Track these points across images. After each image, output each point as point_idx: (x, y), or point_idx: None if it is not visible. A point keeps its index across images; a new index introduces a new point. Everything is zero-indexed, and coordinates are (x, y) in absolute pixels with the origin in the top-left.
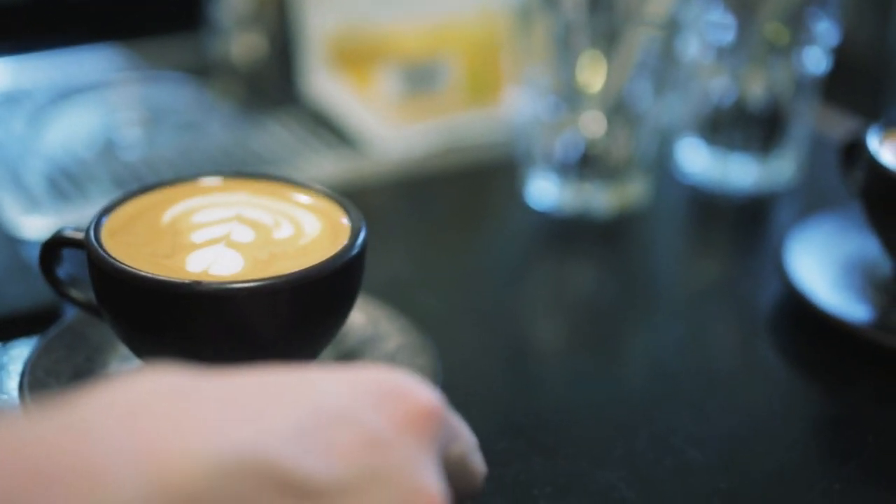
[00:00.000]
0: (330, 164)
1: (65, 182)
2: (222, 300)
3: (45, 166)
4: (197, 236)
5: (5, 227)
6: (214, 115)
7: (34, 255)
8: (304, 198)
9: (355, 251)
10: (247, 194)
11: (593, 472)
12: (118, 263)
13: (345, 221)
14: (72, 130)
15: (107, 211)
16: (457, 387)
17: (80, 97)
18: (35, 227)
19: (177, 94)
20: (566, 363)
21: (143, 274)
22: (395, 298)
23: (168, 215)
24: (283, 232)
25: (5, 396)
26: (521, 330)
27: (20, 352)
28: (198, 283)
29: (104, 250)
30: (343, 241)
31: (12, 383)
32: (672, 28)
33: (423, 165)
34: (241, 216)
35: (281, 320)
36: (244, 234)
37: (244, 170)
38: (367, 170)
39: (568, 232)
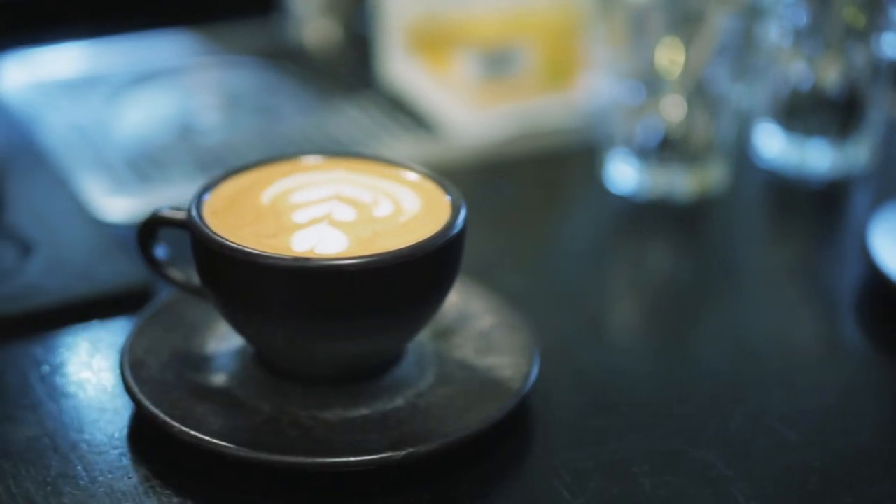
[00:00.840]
0: (407, 148)
1: (145, 164)
2: (334, 276)
3: (126, 149)
4: (299, 216)
5: (90, 209)
6: (291, 100)
7: (120, 235)
8: (400, 175)
9: (458, 227)
10: (343, 172)
11: (689, 450)
12: (230, 242)
13: (444, 198)
14: (150, 114)
15: (206, 191)
16: (551, 365)
17: (158, 81)
18: (119, 208)
19: (253, 79)
20: (654, 343)
21: (257, 252)
22: (481, 279)
23: (268, 195)
24: (383, 210)
25: (105, 375)
26: (608, 311)
27: (112, 332)
28: (309, 259)
29: (211, 230)
30: (443, 217)
31: (106, 362)
32: (752, 13)
33: (500, 150)
34: (340, 195)
35: (388, 296)
36: (345, 213)
37: (337, 149)
38: (444, 154)
39: (648, 215)
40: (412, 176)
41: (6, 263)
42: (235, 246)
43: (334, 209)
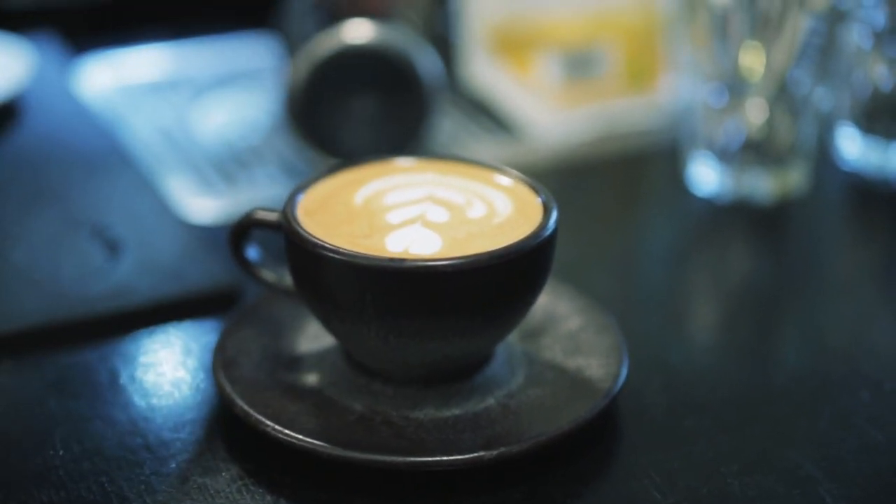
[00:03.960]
0: (489, 151)
1: (230, 166)
2: (429, 277)
3: (210, 151)
4: (393, 217)
5: (176, 210)
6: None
7: (207, 236)
8: (491, 178)
9: (551, 229)
10: (435, 174)
11: (778, 450)
12: (326, 243)
13: (535, 200)
14: (234, 116)
15: (299, 192)
16: (638, 365)
17: (241, 83)
18: (204, 209)
19: None
20: (739, 344)
21: (353, 252)
22: (565, 280)
23: (360, 196)
24: (477, 211)
25: (196, 375)
26: (692, 312)
27: (202, 332)
28: (404, 260)
29: (306, 231)
30: (535, 219)
31: (197, 362)
32: (834, 15)
33: (582, 151)
34: (433, 196)
35: (482, 297)
36: (439, 214)
37: (429, 151)
38: (526, 156)
39: (729, 217)
40: (503, 178)
41: (96, 264)
42: (331, 246)
43: (428, 210)
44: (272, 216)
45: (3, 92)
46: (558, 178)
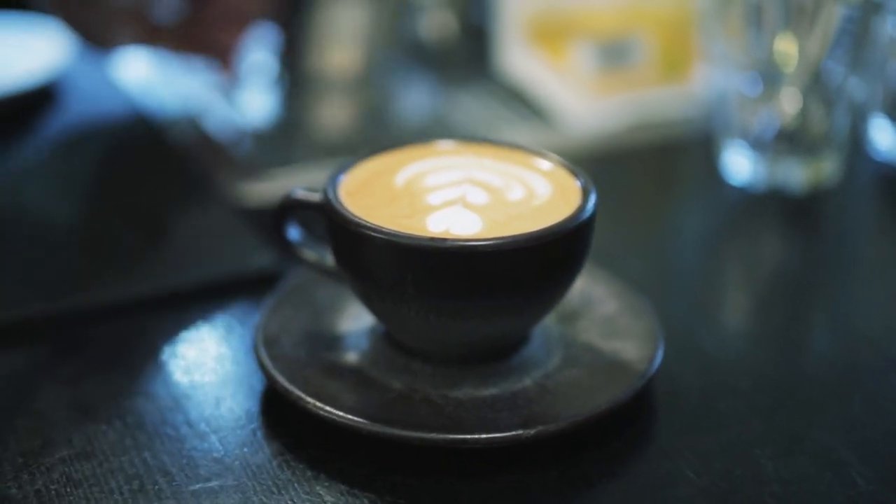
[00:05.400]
0: (524, 138)
1: (268, 149)
2: (471, 257)
3: (248, 134)
4: (433, 198)
5: (215, 192)
6: (408, 89)
7: (247, 217)
8: (529, 161)
9: (590, 211)
10: (474, 157)
11: (811, 433)
12: (368, 223)
13: (574, 184)
14: (271, 101)
15: (340, 173)
16: (673, 349)
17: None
18: (244, 192)
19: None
20: (771, 329)
21: (396, 232)
22: (601, 265)
23: (401, 178)
24: (516, 194)
25: (237, 353)
26: (725, 297)
27: (243, 312)
28: (446, 240)
29: (349, 210)
30: (574, 202)
31: (238, 341)
32: (868, 6)
33: (616, 140)
34: (472, 178)
35: (522, 277)
36: (479, 196)
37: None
38: (561, 144)
39: (762, 206)
40: (541, 162)
41: (138, 245)
42: (374, 226)
43: (468, 192)
44: (314, 197)
45: (42, 75)
46: (592, 167)
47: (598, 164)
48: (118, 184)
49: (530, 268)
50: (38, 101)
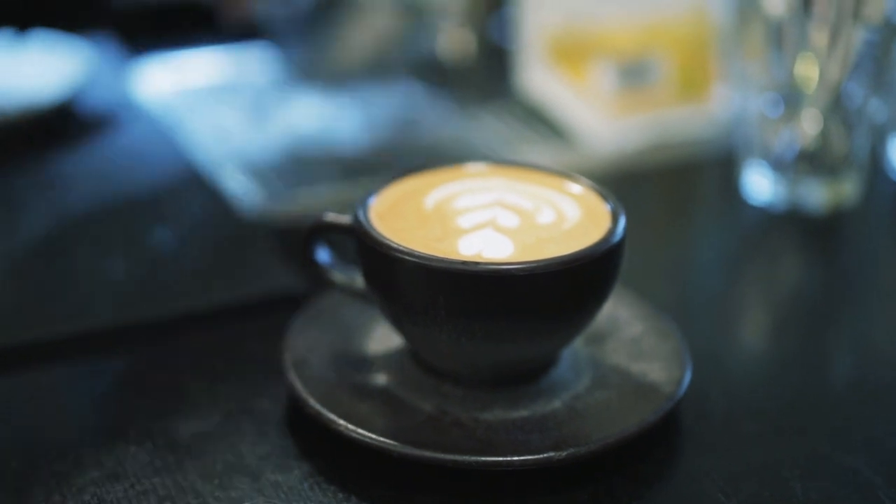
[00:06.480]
0: (543, 157)
1: (289, 171)
2: (503, 281)
3: (269, 155)
4: (464, 221)
5: (237, 213)
6: (428, 109)
7: (270, 238)
8: (559, 184)
9: (620, 235)
10: (503, 180)
11: (837, 455)
12: (401, 246)
13: (604, 207)
14: (292, 121)
15: (370, 196)
16: (698, 370)
17: (298, 89)
18: (264, 213)
19: (392, 89)
20: (793, 351)
21: (429, 255)
22: (623, 285)
23: (430, 200)
24: (546, 217)
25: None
26: (748, 319)
27: (267, 333)
28: (479, 263)
29: (380, 234)
30: (604, 225)
31: (264, 362)
32: (888, 29)
33: (635, 160)
34: (502, 201)
35: (553, 300)
36: (509, 219)
37: (496, 157)
38: (580, 163)
39: (783, 226)
40: (570, 185)
41: (159, 264)
42: (406, 249)
43: (498, 215)
44: (344, 220)
45: (62, 92)
46: (612, 186)
47: (617, 183)
48: (140, 203)
49: (562, 291)
50: (57, 118)
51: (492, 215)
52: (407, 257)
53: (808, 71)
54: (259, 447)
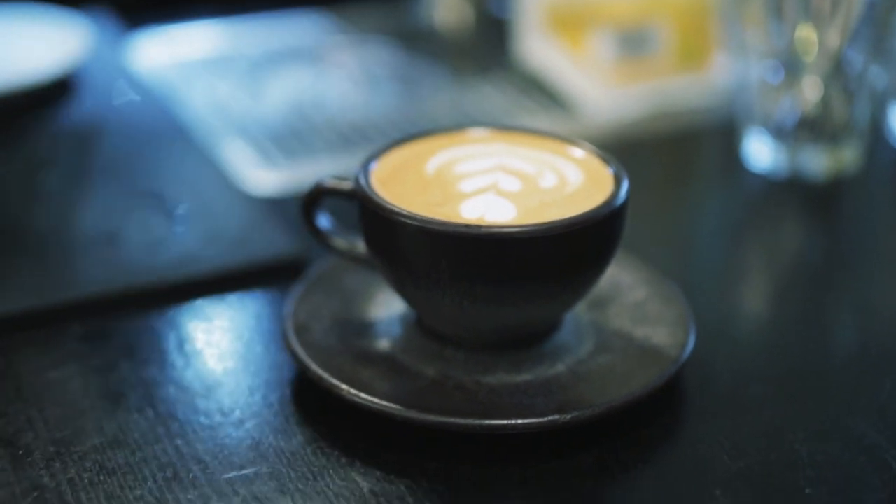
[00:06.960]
0: (542, 126)
1: (286, 140)
2: (505, 244)
3: (266, 125)
4: (465, 185)
5: (237, 182)
6: (426, 78)
7: (269, 206)
8: (561, 149)
9: (623, 198)
10: (504, 145)
11: (843, 418)
12: (403, 210)
13: (606, 171)
14: (288, 92)
15: (371, 161)
16: (702, 335)
17: (294, 60)
18: (264, 181)
19: (388, 59)
20: (795, 316)
21: (430, 219)
22: (626, 252)
23: (431, 165)
24: (548, 181)
25: (266, 341)
26: (750, 285)
27: (269, 300)
28: (481, 226)
29: (382, 198)
30: (606, 189)
31: (266, 329)
32: None
33: (635, 129)
34: (504, 166)
35: (556, 264)
36: (511, 184)
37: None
38: (579, 133)
39: (783, 193)
40: (573, 149)
41: (160, 233)
42: (408, 213)
43: (500, 179)
44: (345, 184)
45: (60, 67)
46: (613, 155)
47: (617, 152)
48: (140, 174)
49: (565, 254)
50: (55, 92)
51: (493, 179)
52: (409, 221)
53: (808, 38)
54: (261, 414)
